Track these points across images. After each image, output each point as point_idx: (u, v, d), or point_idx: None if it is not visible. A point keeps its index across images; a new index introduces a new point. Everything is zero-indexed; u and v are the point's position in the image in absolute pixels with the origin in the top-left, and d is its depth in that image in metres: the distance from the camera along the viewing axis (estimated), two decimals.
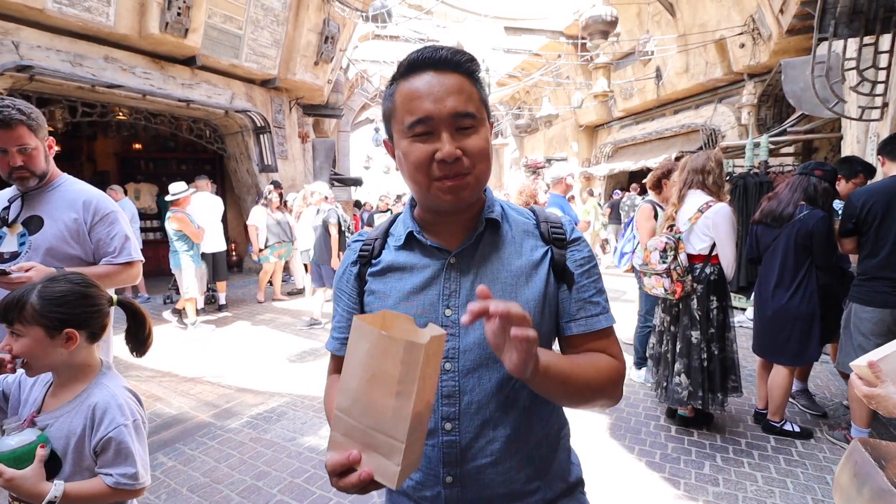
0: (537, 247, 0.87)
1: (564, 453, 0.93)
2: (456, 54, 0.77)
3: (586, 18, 6.03)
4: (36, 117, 1.63)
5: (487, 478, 0.81)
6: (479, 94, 0.80)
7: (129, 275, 1.79)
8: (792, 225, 2.78)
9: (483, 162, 0.79)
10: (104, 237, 1.72)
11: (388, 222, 0.96)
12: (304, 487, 2.49)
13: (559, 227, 0.89)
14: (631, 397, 3.59)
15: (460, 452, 0.80)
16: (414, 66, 0.77)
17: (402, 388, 0.60)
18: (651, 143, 11.51)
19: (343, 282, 0.93)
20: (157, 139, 9.59)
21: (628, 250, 3.91)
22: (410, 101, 0.76)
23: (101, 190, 1.87)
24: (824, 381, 3.83)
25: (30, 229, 1.63)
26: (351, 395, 0.63)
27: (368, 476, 0.62)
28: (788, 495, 2.37)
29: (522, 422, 0.83)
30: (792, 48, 6.96)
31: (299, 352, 4.77)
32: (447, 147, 0.74)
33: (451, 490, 0.81)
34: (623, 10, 8.91)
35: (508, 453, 0.82)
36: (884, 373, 1.14)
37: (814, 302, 2.76)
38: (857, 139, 4.51)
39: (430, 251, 0.86)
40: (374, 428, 0.62)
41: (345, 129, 15.36)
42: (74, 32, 5.90)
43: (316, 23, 8.45)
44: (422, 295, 0.84)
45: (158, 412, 3.41)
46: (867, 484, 0.95)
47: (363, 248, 0.92)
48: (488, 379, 0.81)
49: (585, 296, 0.86)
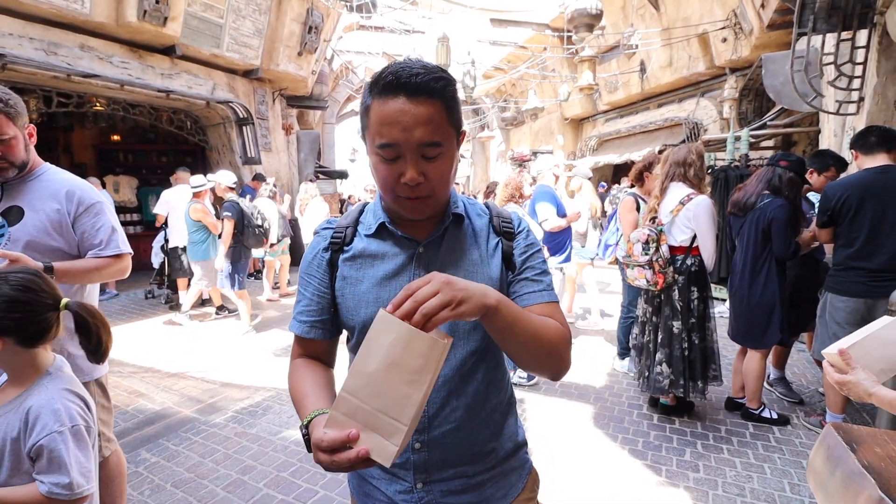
0: (491, 238, 0.97)
1: (513, 418, 1.03)
2: (431, 80, 0.79)
3: (572, 11, 6.04)
4: (14, 104, 1.55)
5: (451, 441, 0.90)
6: (450, 118, 0.83)
7: (118, 268, 1.73)
8: (753, 213, 2.90)
9: (444, 185, 0.86)
10: (89, 229, 1.66)
11: (357, 211, 1.01)
12: (290, 481, 2.49)
13: (509, 221, 0.99)
14: (614, 387, 3.65)
15: (428, 421, 0.89)
16: (389, 88, 0.79)
17: (418, 377, 0.66)
18: (635, 137, 11.61)
19: (313, 267, 0.97)
20: (136, 130, 9.38)
21: (612, 242, 3.95)
22: (381, 125, 0.80)
23: (86, 182, 1.80)
24: (801, 369, 3.93)
25: (9, 220, 1.56)
26: (364, 378, 0.67)
27: (365, 453, 0.65)
28: (766, 480, 2.44)
29: (480, 391, 0.93)
30: (773, 43, 7.06)
31: (284, 346, 4.74)
32: (410, 173, 0.81)
33: (419, 455, 0.90)
34: (608, 4, 8.93)
35: (469, 419, 0.91)
36: (853, 360, 1.17)
37: (773, 291, 2.86)
38: (834, 133, 4.61)
39: (400, 241, 0.93)
40: (380, 410, 0.67)
41: (330, 120, 15.20)
42: (49, 20, 5.71)
43: (299, 12, 8.31)
44: (394, 281, 0.91)
45: (141, 408, 3.36)
46: (839, 467, 0.98)
47: (334, 235, 0.97)
48: (453, 356, 0.90)
49: (528, 275, 0.95)
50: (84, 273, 1.63)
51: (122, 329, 5.34)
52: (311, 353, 1.00)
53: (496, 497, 0.96)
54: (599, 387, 3.66)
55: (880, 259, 2.51)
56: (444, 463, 0.91)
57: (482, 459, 0.94)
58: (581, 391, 3.58)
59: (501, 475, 0.97)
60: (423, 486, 0.91)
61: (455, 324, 0.89)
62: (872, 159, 2.58)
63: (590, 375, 3.86)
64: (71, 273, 1.58)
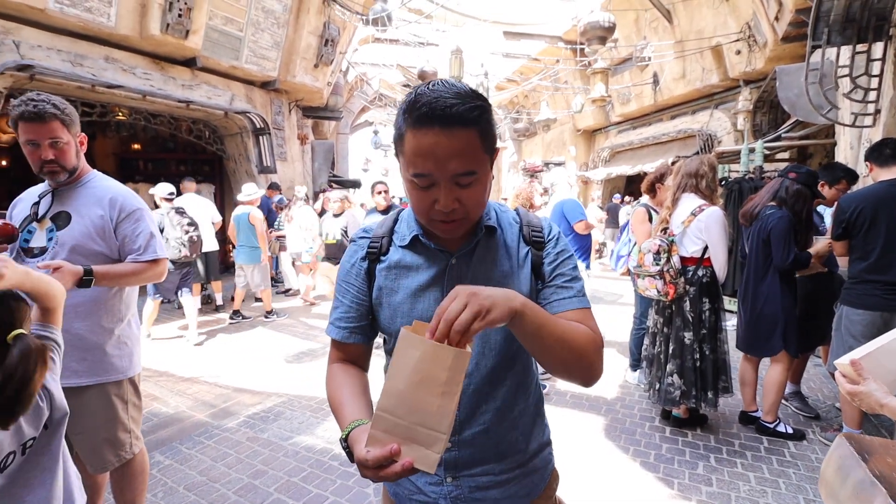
0: (521, 248, 0.98)
1: (540, 419, 1.07)
2: (466, 110, 0.78)
3: (584, 24, 6.10)
4: (69, 113, 1.65)
5: (480, 442, 0.95)
6: (484, 145, 0.83)
7: (154, 272, 1.80)
8: (757, 224, 2.90)
9: (477, 208, 0.88)
10: (129, 234, 1.74)
11: (392, 220, 1.03)
12: (300, 486, 2.51)
13: (539, 229, 1.00)
14: (626, 399, 3.62)
15: (459, 424, 0.94)
16: (424, 119, 0.78)
17: (448, 388, 0.70)
18: (648, 148, 11.59)
19: (352, 275, 1.01)
20: (156, 140, 9.60)
21: (624, 253, 3.94)
22: (415, 156, 0.81)
23: (128, 190, 1.88)
24: (817, 383, 3.86)
25: (57, 225, 1.65)
26: (397, 396, 0.71)
27: (410, 465, 0.69)
28: (780, 495, 2.40)
29: (509, 396, 0.97)
30: (787, 55, 7.04)
31: (296, 352, 4.79)
32: (444, 201, 0.82)
33: (450, 453, 0.95)
34: (621, 17, 8.98)
35: (497, 422, 0.96)
36: (866, 370, 1.17)
37: (776, 300, 2.84)
38: (850, 145, 4.56)
39: (433, 253, 0.96)
40: (418, 423, 0.71)
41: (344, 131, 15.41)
42: (75, 32, 5.92)
43: (316, 25, 8.49)
44: (427, 292, 0.94)
45: (155, 412, 3.42)
46: (851, 476, 0.98)
47: (371, 244, 1.00)
48: (484, 364, 0.94)
49: (559, 282, 0.96)
50: (122, 276, 1.71)
51: None
52: (349, 358, 1.03)
53: (519, 495, 1.00)
54: (611, 398, 3.63)
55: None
56: (472, 461, 0.96)
57: (509, 459, 0.98)
58: (592, 402, 3.55)
59: (525, 475, 1.01)
60: (452, 480, 0.96)
61: (486, 335, 0.93)
62: (887, 171, 2.56)
63: (601, 387, 3.83)
64: (109, 276, 1.66)
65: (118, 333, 1.78)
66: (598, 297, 7.53)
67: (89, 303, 1.68)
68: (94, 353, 1.70)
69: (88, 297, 1.67)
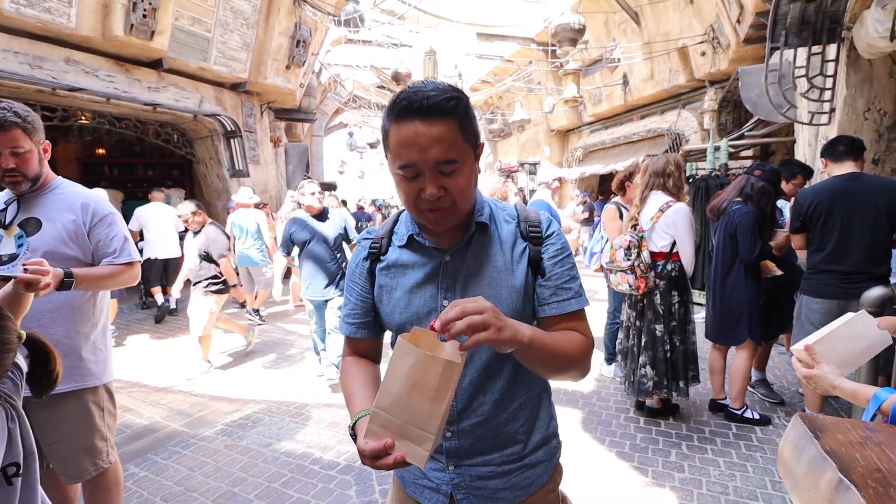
0: (518, 244, 1.00)
1: (545, 411, 1.10)
2: (443, 100, 0.84)
3: (555, 26, 6.20)
4: (32, 120, 1.63)
5: (478, 432, 0.99)
6: (464, 135, 0.88)
7: (130, 275, 1.82)
8: (723, 219, 3.03)
9: (463, 196, 0.91)
10: (104, 238, 1.74)
11: (392, 221, 1.08)
12: (281, 492, 2.49)
13: (536, 225, 1.02)
14: (602, 392, 3.70)
15: (458, 414, 0.98)
16: (404, 113, 0.84)
17: (438, 394, 0.76)
18: (620, 147, 11.84)
19: (357, 275, 1.07)
20: (121, 144, 9.33)
21: (598, 250, 4.03)
22: (399, 147, 0.86)
23: (98, 195, 1.87)
24: (782, 371, 4.03)
25: (27, 231, 1.64)
26: (392, 397, 0.77)
27: (402, 458, 0.76)
28: (749, 478, 2.50)
29: (507, 388, 1.00)
30: (749, 56, 7.29)
31: (274, 358, 4.73)
32: (429, 189, 0.86)
33: (451, 442, 0.99)
34: (591, 19, 9.16)
35: (495, 413, 0.99)
36: (819, 354, 1.24)
37: (741, 291, 2.97)
38: (808, 143, 4.77)
39: (428, 251, 1.00)
40: (410, 423, 0.77)
41: (318, 133, 15.25)
42: (34, 34, 5.70)
43: (287, 26, 8.39)
44: (423, 289, 0.98)
45: (128, 423, 3.33)
46: (805, 453, 1.04)
47: (372, 245, 1.06)
48: (479, 357, 0.97)
49: (558, 283, 0.99)
50: (100, 279, 1.71)
51: None
52: (360, 351, 1.11)
53: (521, 486, 1.02)
54: (587, 392, 3.71)
55: (851, 262, 2.62)
56: (473, 451, 0.99)
57: (510, 450, 1.01)
58: (569, 396, 3.63)
59: (528, 466, 1.03)
60: (454, 468, 1.00)
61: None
62: (841, 167, 2.70)
63: (578, 382, 3.90)
64: (89, 279, 1.66)
65: (93, 339, 1.77)
66: None
67: (65, 308, 1.68)
68: (70, 358, 1.68)
69: (64, 302, 1.67)
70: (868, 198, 2.59)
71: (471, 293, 0.95)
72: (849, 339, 1.30)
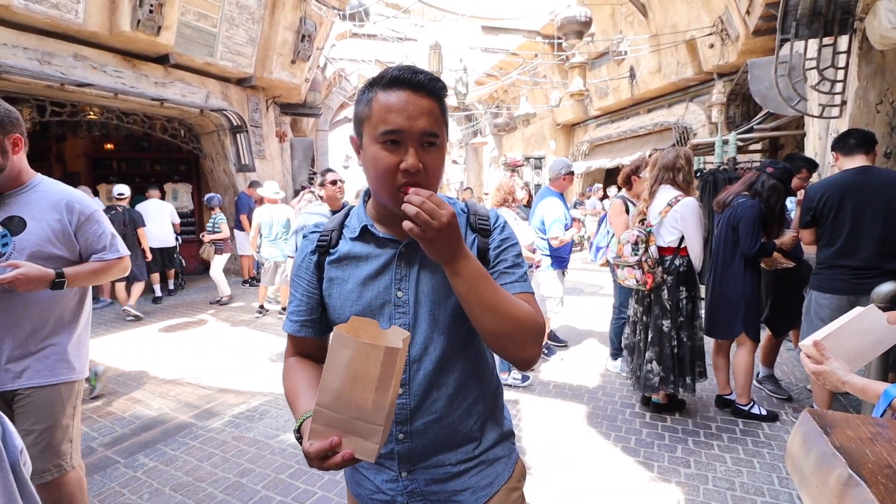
0: (468, 236, 1.01)
1: (499, 409, 1.08)
2: (432, 80, 0.88)
3: (561, 19, 6.15)
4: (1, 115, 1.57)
5: (433, 432, 0.95)
6: (444, 119, 0.91)
7: (120, 268, 1.85)
8: (728, 211, 3.00)
9: (437, 177, 0.91)
10: (92, 236, 1.75)
11: (343, 215, 1.06)
12: (288, 483, 2.51)
13: (485, 218, 1.02)
14: (608, 387, 3.70)
15: (410, 413, 0.94)
16: (395, 82, 0.86)
17: (381, 384, 0.72)
18: (626, 141, 11.75)
19: (302, 269, 1.03)
20: (129, 139, 9.36)
21: (603, 245, 4.02)
22: (387, 112, 0.85)
23: (81, 192, 1.87)
24: (790, 366, 4.01)
25: (12, 230, 1.62)
26: (333, 392, 0.74)
27: (350, 455, 0.73)
28: (755, 474, 2.49)
29: (462, 383, 0.97)
30: (758, 48, 7.20)
31: (280, 351, 4.76)
32: (411, 160, 0.85)
33: (403, 445, 0.95)
34: (597, 11, 9.07)
35: (450, 409, 0.96)
36: (827, 350, 1.23)
37: (739, 285, 2.94)
38: (818, 136, 4.71)
39: (382, 242, 0.97)
40: (355, 417, 0.74)
41: (323, 128, 15.24)
42: (42, 30, 5.74)
43: (292, 21, 8.38)
44: (377, 280, 0.96)
45: (138, 414, 3.37)
46: (814, 449, 1.03)
47: (321, 238, 1.02)
48: (433, 349, 0.95)
49: (501, 268, 0.98)
50: (91, 275, 1.73)
51: (117, 337, 5.33)
52: (304, 351, 1.06)
53: (481, 486, 0.99)
54: (593, 387, 3.71)
55: (861, 256, 2.59)
56: (426, 452, 0.96)
57: (465, 448, 0.98)
58: (575, 391, 3.63)
59: (486, 463, 1.00)
60: (407, 474, 0.96)
61: (435, 317, 0.94)
62: (852, 160, 2.66)
63: (583, 376, 3.91)
64: (80, 277, 1.68)
65: (78, 332, 1.79)
66: (578, 288, 7.65)
67: (52, 303, 1.69)
68: (56, 350, 1.69)
69: (51, 297, 1.67)
70: (880, 192, 2.55)
71: (425, 283, 0.94)
72: (858, 335, 1.28)
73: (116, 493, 2.45)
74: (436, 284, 0.94)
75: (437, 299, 0.94)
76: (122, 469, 2.68)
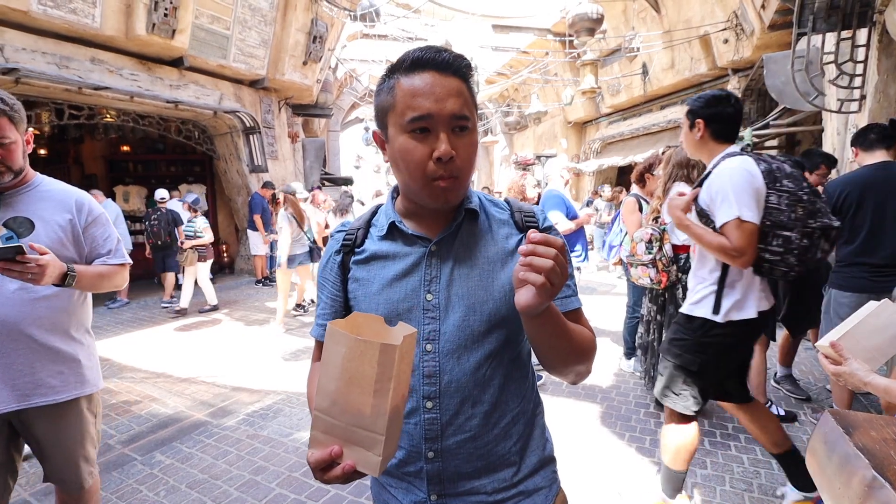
0: (511, 235, 0.92)
1: (539, 430, 0.97)
2: (457, 59, 0.81)
3: (573, 16, 6.11)
4: (18, 109, 1.51)
5: (466, 451, 0.86)
6: (473, 100, 0.84)
7: (122, 276, 1.75)
8: None
9: (471, 164, 0.84)
10: (98, 238, 1.68)
11: (370, 213, 0.99)
12: (302, 481, 2.53)
13: (531, 215, 0.94)
14: (621, 386, 3.67)
15: (441, 429, 0.85)
16: (418, 64, 0.80)
17: (380, 386, 0.64)
18: (638, 139, 11.64)
19: (327, 270, 0.96)
20: (145, 141, 9.52)
21: (616, 243, 3.98)
22: (413, 97, 0.79)
23: (87, 193, 1.79)
24: (808, 366, 3.93)
25: (20, 232, 1.54)
26: (330, 396, 0.67)
27: (351, 468, 0.67)
28: (773, 475, 2.45)
29: (499, 399, 0.88)
30: (774, 43, 7.08)
31: (293, 350, 4.80)
32: (444, 146, 0.78)
33: (433, 465, 0.86)
34: (608, 8, 9.00)
35: (486, 428, 0.86)
36: (845, 350, 1.20)
37: None
38: (837, 131, 4.62)
39: (411, 240, 0.90)
40: (354, 425, 0.66)
41: (334, 128, 15.34)
42: (60, 34, 5.86)
43: (304, 22, 8.44)
44: (404, 281, 0.88)
45: (154, 412, 3.43)
46: (836, 450, 1.01)
47: (346, 237, 0.95)
48: (466, 359, 0.85)
49: None
50: (96, 278, 1.64)
51: (134, 336, 5.42)
52: None
53: None
54: (606, 387, 3.68)
55: (882, 254, 2.53)
56: (458, 475, 0.86)
57: (502, 474, 0.88)
58: (588, 391, 3.60)
59: (524, 494, 0.90)
60: (437, 498, 0.87)
61: (469, 324, 0.85)
62: (872, 156, 2.60)
63: (596, 376, 3.88)
64: (88, 277, 1.59)
65: (87, 343, 1.70)
66: (591, 287, 7.59)
67: (60, 313, 1.60)
68: (70, 365, 1.61)
69: (58, 308, 1.58)
70: None
71: (459, 286, 0.86)
72: (875, 331, 1.25)
73: (134, 490, 2.49)
74: (471, 287, 0.86)
75: (471, 304, 0.85)
76: (139, 466, 2.73)
